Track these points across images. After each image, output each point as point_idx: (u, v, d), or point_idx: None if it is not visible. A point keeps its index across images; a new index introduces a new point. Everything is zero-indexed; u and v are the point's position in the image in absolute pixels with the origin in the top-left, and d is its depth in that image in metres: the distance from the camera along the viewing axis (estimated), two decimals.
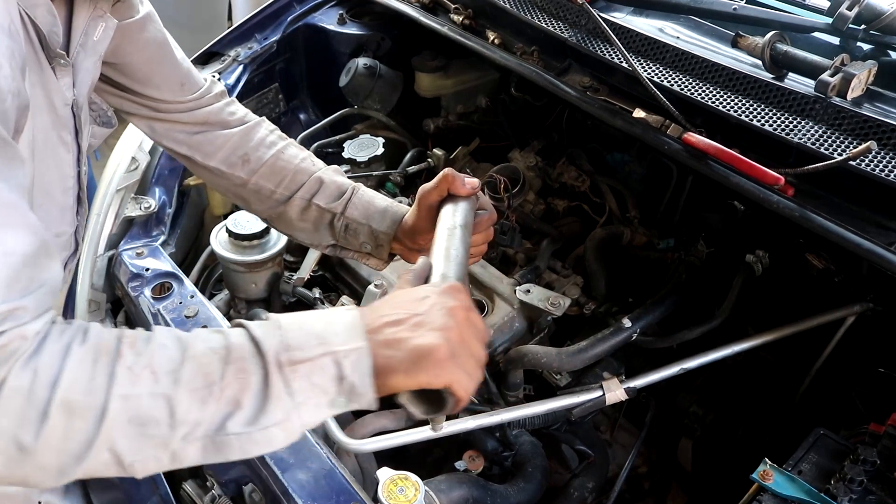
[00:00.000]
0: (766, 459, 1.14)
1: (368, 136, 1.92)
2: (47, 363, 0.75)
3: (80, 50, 1.02)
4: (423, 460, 1.62)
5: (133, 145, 1.88)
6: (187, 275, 1.63)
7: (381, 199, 1.36)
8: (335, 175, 1.37)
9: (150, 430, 0.78)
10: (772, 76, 1.39)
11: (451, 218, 1.17)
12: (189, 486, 1.49)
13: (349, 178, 1.84)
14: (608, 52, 1.54)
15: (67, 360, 0.76)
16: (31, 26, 0.89)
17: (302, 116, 2.31)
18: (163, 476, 1.54)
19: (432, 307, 0.91)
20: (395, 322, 0.90)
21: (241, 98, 2.09)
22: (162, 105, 1.31)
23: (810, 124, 1.30)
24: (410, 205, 1.74)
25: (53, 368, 0.75)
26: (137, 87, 1.27)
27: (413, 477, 1.21)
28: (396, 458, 1.41)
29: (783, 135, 1.29)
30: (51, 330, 0.78)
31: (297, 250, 1.78)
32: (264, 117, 1.43)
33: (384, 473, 1.22)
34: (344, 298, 1.67)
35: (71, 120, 1.04)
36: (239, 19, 2.14)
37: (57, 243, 1.10)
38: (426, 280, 1.03)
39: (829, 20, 1.44)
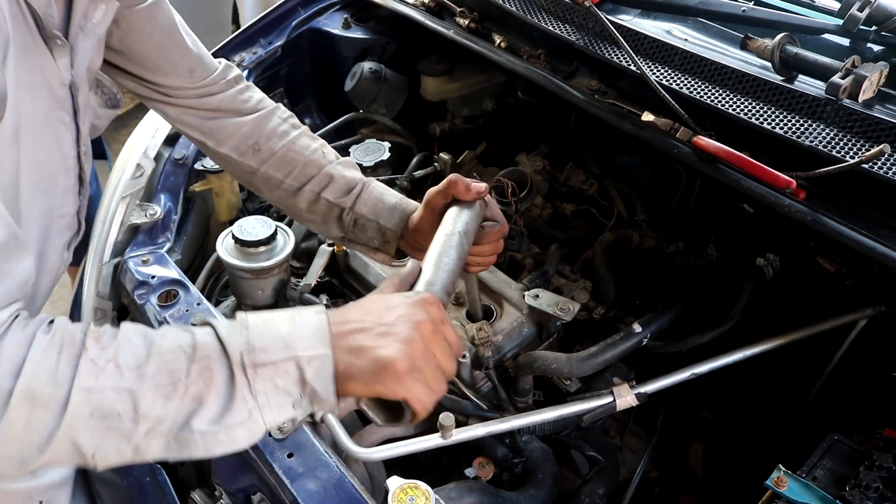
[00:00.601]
0: (780, 466, 1.13)
1: (374, 140, 1.91)
2: (10, 353, 0.75)
3: (79, 31, 1.03)
4: (433, 467, 1.61)
5: (138, 152, 1.88)
6: (193, 282, 1.63)
7: (391, 196, 1.37)
8: (346, 169, 1.38)
9: (114, 424, 0.79)
10: (782, 78, 1.38)
11: (452, 224, 1.16)
12: (197, 496, 1.49)
13: None
14: (616, 55, 1.53)
15: (31, 350, 0.76)
16: (27, 8, 0.89)
17: (307, 121, 2.30)
18: (170, 485, 1.53)
19: (398, 318, 0.92)
20: (361, 330, 0.91)
21: None
22: (173, 91, 1.32)
23: (821, 127, 1.29)
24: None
25: (16, 358, 0.75)
26: (147, 74, 1.29)
27: (423, 486, 1.20)
28: (405, 465, 1.40)
29: (794, 138, 1.28)
30: (15, 321, 0.78)
31: (303, 256, 1.78)
32: (280, 104, 1.44)
33: (394, 482, 1.21)
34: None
35: (69, 100, 1.04)
36: (247, 22, 2.14)
37: (60, 224, 1.11)
38: (412, 286, 1.03)
39: (840, 21, 1.43)
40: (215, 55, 2.05)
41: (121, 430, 0.79)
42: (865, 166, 1.19)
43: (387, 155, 1.84)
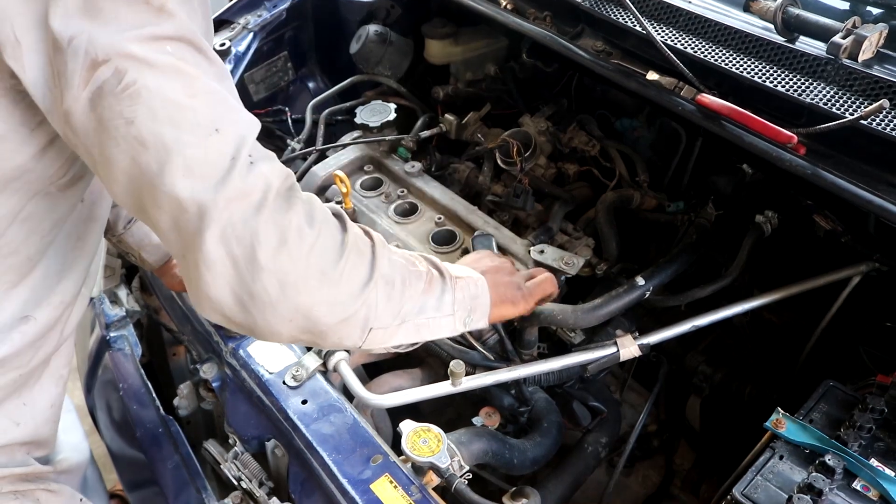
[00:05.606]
0: (779, 408, 1.17)
1: (380, 101, 1.93)
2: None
3: None
4: (437, 421, 1.65)
5: None
6: None
7: None
8: None
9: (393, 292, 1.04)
10: (784, 39, 1.40)
11: None
12: (210, 445, 1.52)
13: (361, 143, 1.87)
14: (621, 16, 1.56)
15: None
16: None
17: (311, 85, 2.32)
18: (183, 435, 1.57)
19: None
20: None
21: (250, 66, 2.10)
22: None
23: (822, 85, 1.32)
24: (423, 170, 1.78)
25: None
26: None
27: (435, 429, 1.24)
28: (410, 417, 1.44)
29: (795, 95, 1.31)
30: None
31: None
32: None
33: (407, 426, 1.25)
34: None
35: None
36: None
37: None
38: None
39: None
40: (221, 17, 2.07)
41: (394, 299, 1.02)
42: (864, 122, 1.22)
43: (393, 116, 1.86)
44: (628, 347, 1.41)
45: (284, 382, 1.38)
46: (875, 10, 1.50)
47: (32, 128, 0.93)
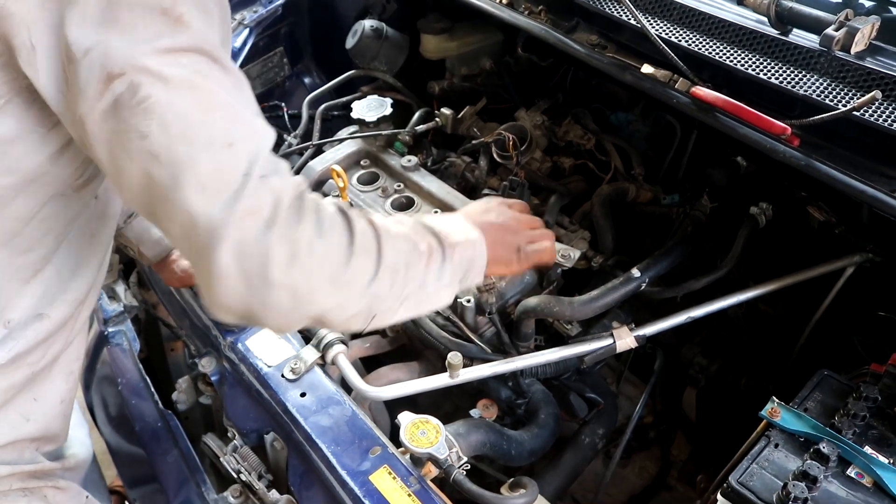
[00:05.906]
0: (774, 398, 1.19)
1: (376, 96, 1.94)
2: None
3: None
4: (435, 413, 1.65)
5: None
6: None
7: (157, 229, 1.49)
8: None
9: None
10: (777, 32, 1.41)
11: None
12: (209, 439, 1.53)
13: (358, 137, 1.88)
14: (616, 9, 1.57)
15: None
16: None
17: (307, 80, 2.33)
18: (182, 430, 1.58)
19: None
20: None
21: (246, 62, 2.11)
22: None
23: (815, 77, 1.33)
24: (420, 165, 1.78)
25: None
26: None
27: (434, 420, 1.25)
28: (408, 410, 1.45)
29: (789, 87, 1.33)
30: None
31: None
32: None
33: (406, 417, 1.26)
34: None
35: None
36: None
37: None
38: None
39: None
40: None
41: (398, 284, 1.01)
42: (857, 113, 1.23)
43: (389, 110, 1.87)
44: (624, 339, 1.42)
45: (283, 375, 1.39)
46: (867, 3, 1.51)
47: (49, 128, 0.94)
